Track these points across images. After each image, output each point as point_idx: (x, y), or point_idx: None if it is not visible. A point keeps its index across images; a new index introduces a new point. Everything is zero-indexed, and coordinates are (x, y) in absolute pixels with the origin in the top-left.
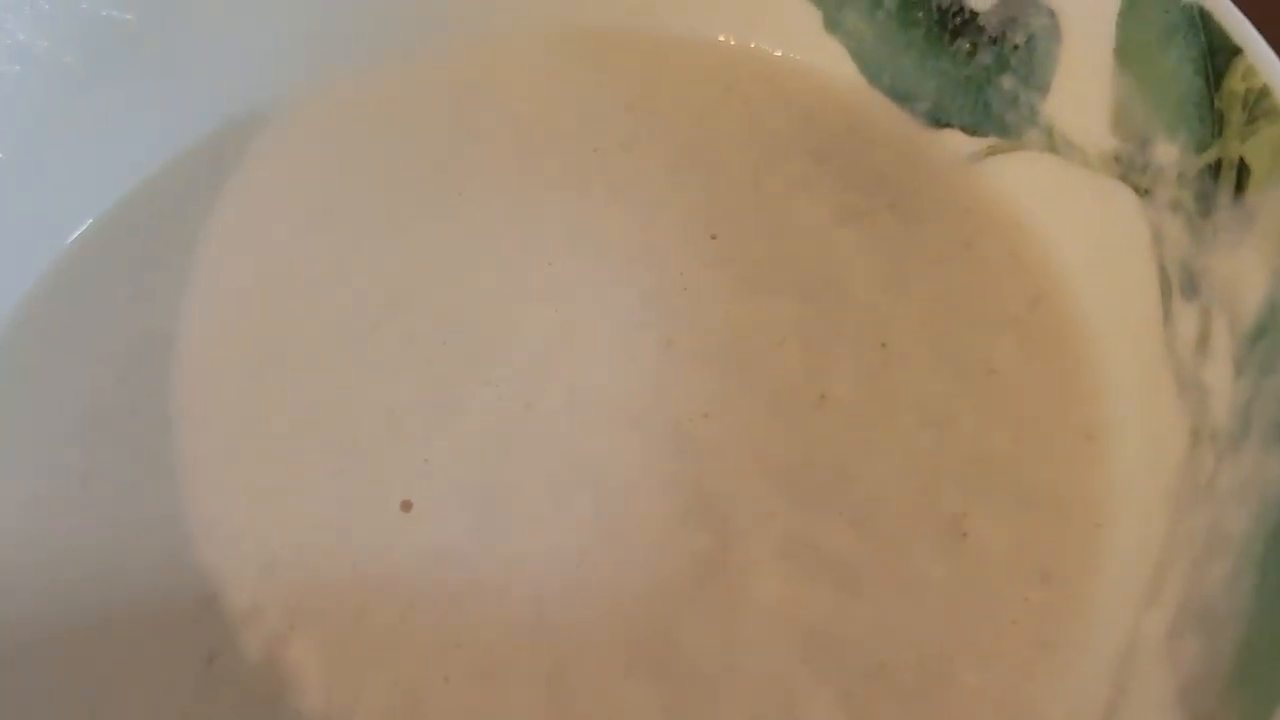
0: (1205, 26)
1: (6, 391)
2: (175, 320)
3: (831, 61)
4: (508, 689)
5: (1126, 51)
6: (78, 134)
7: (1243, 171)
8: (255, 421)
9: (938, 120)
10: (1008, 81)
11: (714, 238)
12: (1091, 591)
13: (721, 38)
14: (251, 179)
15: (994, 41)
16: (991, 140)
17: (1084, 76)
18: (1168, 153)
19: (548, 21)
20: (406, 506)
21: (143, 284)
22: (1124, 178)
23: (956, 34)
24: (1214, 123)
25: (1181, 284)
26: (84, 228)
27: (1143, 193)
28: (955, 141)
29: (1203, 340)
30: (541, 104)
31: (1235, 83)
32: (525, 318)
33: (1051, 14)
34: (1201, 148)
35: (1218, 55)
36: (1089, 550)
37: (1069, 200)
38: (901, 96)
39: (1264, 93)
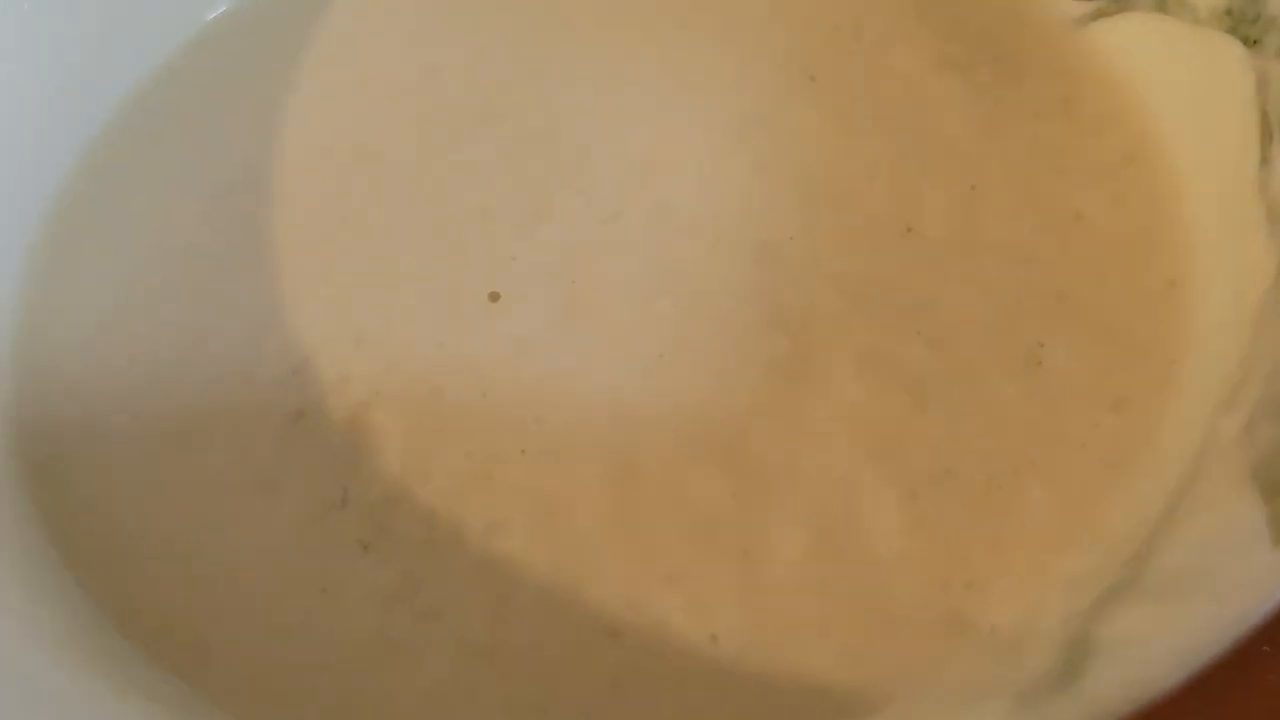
0: None
1: (118, 168)
2: (280, 116)
3: None
4: (580, 465)
5: None
6: None
7: None
8: (351, 212)
9: None
10: None
11: (812, 79)
12: (1161, 419)
13: None
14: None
15: None
16: (1100, 3)
17: None
18: None
19: None
20: (494, 297)
21: (251, 85)
22: (1233, 30)
23: None
24: None
25: None
26: (206, 24)
27: (1251, 43)
28: (1062, 4)
29: None
30: None
31: None
32: (619, 135)
33: None
34: None
35: None
36: (1163, 383)
37: (1173, 59)
38: None
39: None
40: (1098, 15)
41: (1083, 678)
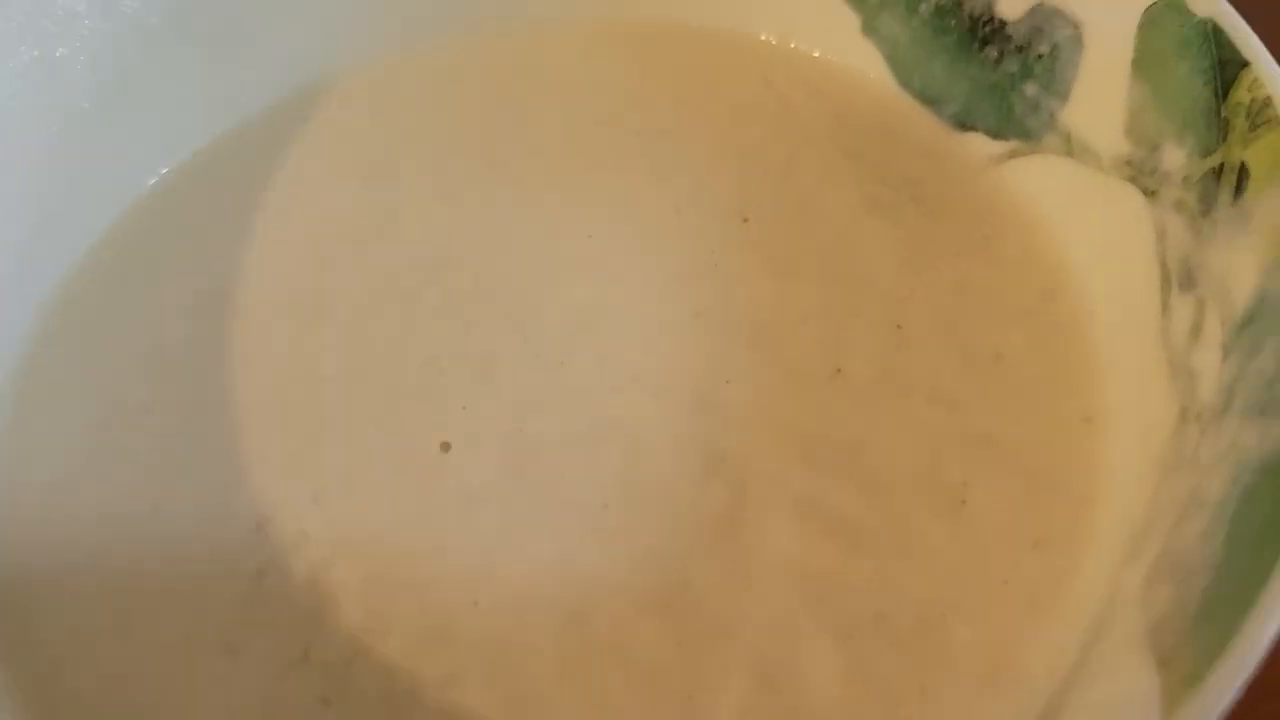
0: (1217, 40)
1: (78, 327)
2: (236, 270)
3: (866, 64)
4: (531, 618)
5: (1143, 62)
6: (156, 90)
7: (1243, 175)
8: (306, 366)
9: (963, 123)
10: (1031, 88)
11: (745, 220)
12: (1079, 559)
13: (763, 36)
14: (314, 143)
15: (1020, 50)
16: (1013, 144)
17: (1102, 85)
18: (1175, 157)
19: (598, 10)
20: (445, 447)
21: (207, 235)
22: (1133, 180)
23: (986, 42)
24: (1219, 130)
25: (1180, 278)
26: (156, 179)
27: (1150, 194)
28: (979, 144)
29: (1195, 329)
30: (588, 89)
31: (1241, 93)
32: (562, 285)
33: (1075, 26)
34: (1206, 153)
35: (1227, 67)
36: (1080, 522)
37: (1082, 201)
38: (930, 99)
39: (1267, 102)
40: (1012, 155)
41: None
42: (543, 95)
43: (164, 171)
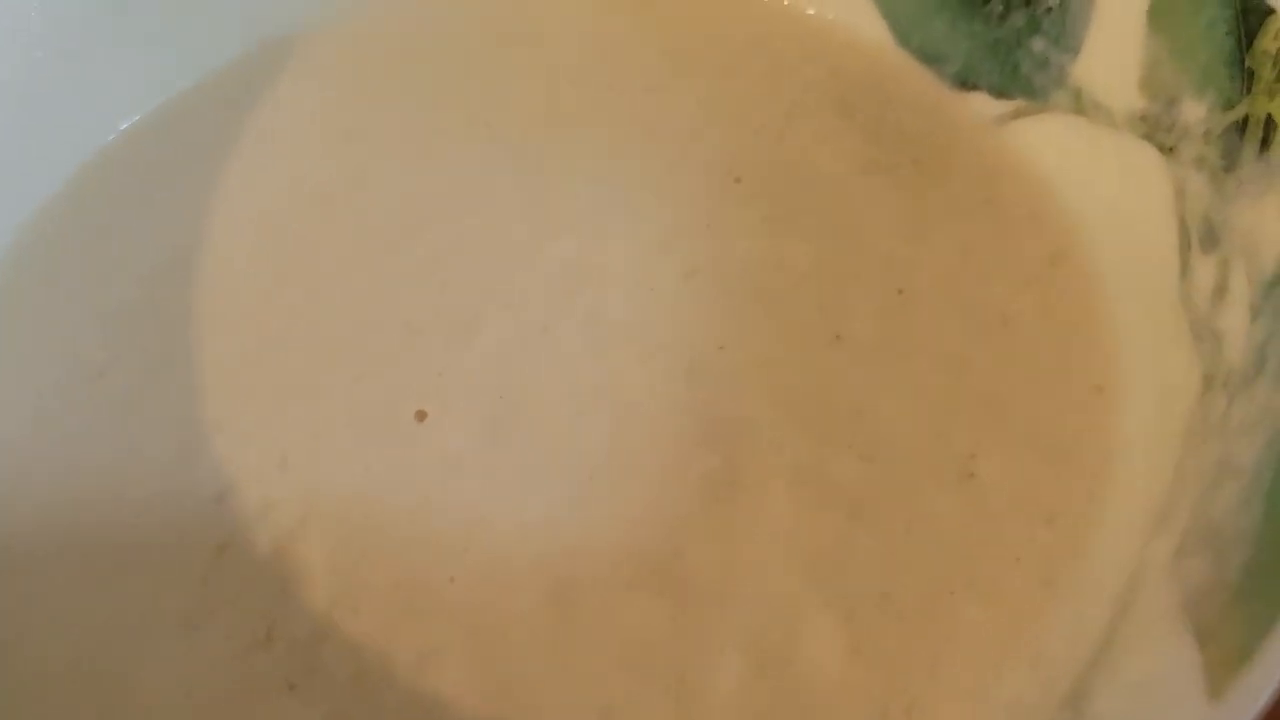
0: None
1: (32, 284)
2: (201, 227)
3: (863, 22)
4: (513, 593)
5: (1159, 13)
6: (117, 41)
7: (1269, 127)
8: (274, 328)
9: (965, 83)
10: (1039, 44)
11: (738, 180)
12: (1095, 533)
13: None
14: (284, 98)
15: (1027, 4)
16: (1018, 103)
17: (1116, 38)
18: (1194, 111)
19: None
20: (420, 416)
21: (168, 194)
22: (1149, 137)
23: None
24: (1243, 81)
25: (1201, 237)
26: (120, 133)
27: (1167, 150)
28: (981, 104)
29: (1219, 290)
30: (575, 45)
31: (1267, 42)
32: (547, 245)
33: None
34: (1229, 105)
35: (1250, 15)
36: (1094, 495)
37: (1092, 160)
38: (930, 58)
39: None
40: (1017, 114)
41: None
42: (525, 51)
43: (123, 127)
